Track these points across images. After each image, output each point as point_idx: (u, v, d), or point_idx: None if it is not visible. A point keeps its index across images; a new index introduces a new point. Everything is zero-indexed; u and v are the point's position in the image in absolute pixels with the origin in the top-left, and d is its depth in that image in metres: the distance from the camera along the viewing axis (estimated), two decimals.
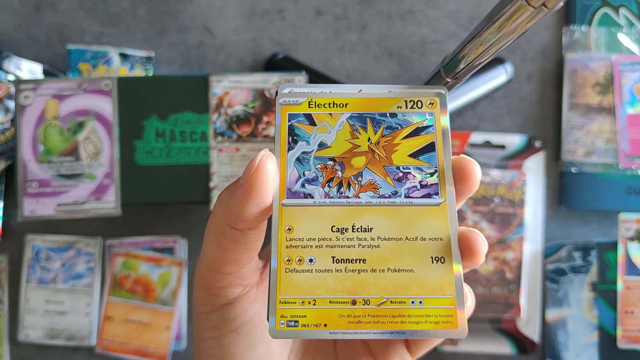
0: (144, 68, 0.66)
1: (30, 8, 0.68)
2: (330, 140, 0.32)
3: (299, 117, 0.32)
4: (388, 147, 0.32)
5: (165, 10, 0.68)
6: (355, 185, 0.31)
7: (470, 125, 0.68)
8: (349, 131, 0.32)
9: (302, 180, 0.31)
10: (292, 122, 0.32)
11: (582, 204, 0.66)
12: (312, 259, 0.30)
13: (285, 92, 0.32)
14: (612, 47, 0.67)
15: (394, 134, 0.32)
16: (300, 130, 0.32)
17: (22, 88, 0.58)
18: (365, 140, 0.32)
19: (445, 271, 0.31)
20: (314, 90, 0.32)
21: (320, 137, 0.32)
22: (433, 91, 0.33)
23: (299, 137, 0.32)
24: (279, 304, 0.29)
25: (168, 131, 0.58)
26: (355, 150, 0.32)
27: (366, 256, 0.30)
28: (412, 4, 0.68)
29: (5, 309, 0.66)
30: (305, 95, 0.32)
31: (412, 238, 0.31)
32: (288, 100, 0.32)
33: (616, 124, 0.66)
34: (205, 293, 0.35)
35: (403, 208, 0.31)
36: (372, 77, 0.68)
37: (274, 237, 0.30)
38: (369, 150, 0.32)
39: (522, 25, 0.30)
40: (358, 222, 0.31)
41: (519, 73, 0.68)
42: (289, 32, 0.68)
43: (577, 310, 0.65)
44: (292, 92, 0.32)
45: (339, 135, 0.32)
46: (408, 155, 0.32)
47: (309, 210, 0.31)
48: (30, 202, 0.58)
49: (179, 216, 0.67)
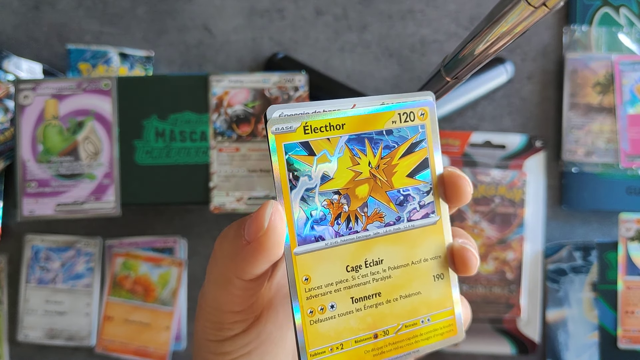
0: (143, 68, 0.66)
1: (29, 7, 0.68)
2: (332, 171, 0.30)
3: (296, 147, 0.30)
4: (388, 170, 0.32)
5: (165, 9, 0.68)
6: (362, 217, 0.31)
7: (471, 125, 0.68)
8: (349, 157, 0.31)
9: (311, 222, 0.30)
10: (290, 154, 0.29)
11: (583, 204, 0.66)
12: (334, 304, 0.30)
13: (276, 117, 0.29)
14: (612, 46, 0.67)
15: (392, 153, 0.32)
16: (299, 163, 0.30)
17: (21, 88, 0.58)
18: (366, 165, 0.31)
19: (445, 286, 0.33)
20: (307, 110, 0.30)
21: (321, 168, 0.30)
22: (423, 99, 0.32)
23: (300, 172, 0.30)
24: (310, 357, 0.29)
25: (168, 131, 0.58)
26: (358, 178, 0.31)
27: (381, 289, 0.31)
28: (413, 4, 0.68)
29: (4, 309, 0.66)
30: (299, 118, 0.29)
31: (416, 261, 0.32)
32: (281, 127, 0.29)
33: (617, 123, 0.66)
34: (215, 326, 0.34)
35: (406, 233, 0.32)
36: (372, 77, 0.68)
37: (293, 290, 0.29)
38: (370, 176, 0.31)
39: (522, 25, 0.30)
40: (369, 256, 0.31)
41: (519, 73, 0.68)
42: (289, 32, 0.68)
43: (577, 311, 0.65)
44: (284, 116, 0.29)
45: (340, 164, 0.31)
46: (406, 175, 0.32)
47: (323, 254, 0.30)
48: (30, 202, 0.58)
49: (178, 216, 0.67)
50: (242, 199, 0.58)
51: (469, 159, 0.67)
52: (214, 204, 0.58)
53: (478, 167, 0.66)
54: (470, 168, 0.66)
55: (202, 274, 0.67)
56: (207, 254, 0.67)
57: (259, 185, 0.58)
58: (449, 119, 0.68)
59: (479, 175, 0.65)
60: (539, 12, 0.28)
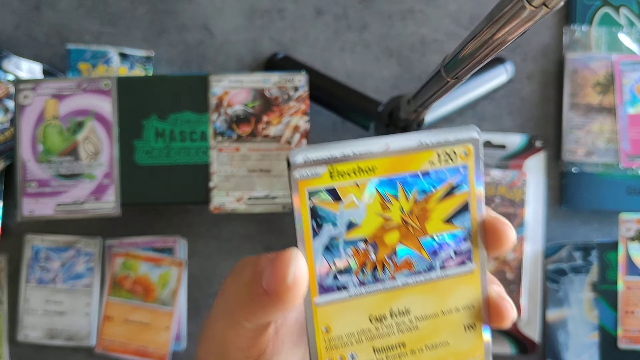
0: (143, 68, 0.66)
1: (29, 7, 0.68)
2: (360, 218, 0.28)
3: (321, 193, 0.27)
4: (422, 216, 0.29)
5: (165, 9, 0.68)
6: (390, 265, 0.29)
7: None
8: (379, 202, 0.28)
9: (334, 271, 0.28)
10: (314, 201, 0.27)
11: (583, 204, 0.66)
12: (354, 355, 0.29)
13: (300, 162, 0.26)
14: (612, 46, 0.67)
15: (428, 197, 0.29)
16: (324, 210, 0.27)
17: (21, 88, 0.58)
18: (398, 211, 0.28)
19: (476, 336, 0.30)
20: (334, 152, 0.27)
21: (348, 215, 0.28)
22: (467, 136, 0.29)
23: (324, 220, 0.27)
24: None
25: (168, 131, 0.58)
26: (388, 225, 0.28)
27: (405, 339, 0.29)
28: (413, 4, 0.68)
29: (4, 309, 0.66)
30: (324, 162, 0.27)
31: (447, 311, 0.30)
32: (305, 173, 0.27)
33: (617, 123, 0.66)
34: (218, 358, 0.32)
35: (438, 282, 0.30)
36: (372, 77, 0.68)
37: (311, 341, 0.28)
38: (402, 222, 0.29)
39: (522, 25, 0.30)
40: (395, 306, 0.29)
41: (519, 73, 0.68)
42: (289, 32, 0.68)
43: (577, 311, 0.65)
44: (308, 160, 0.26)
45: (368, 210, 0.28)
46: (442, 221, 0.29)
47: (345, 305, 0.28)
48: (30, 202, 0.58)
49: (178, 216, 0.67)
50: (242, 199, 0.58)
51: None
52: (213, 204, 0.58)
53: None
54: None
55: (202, 273, 0.67)
56: (206, 254, 0.67)
57: (258, 185, 0.58)
58: (449, 119, 0.68)
59: None
60: (539, 12, 0.28)
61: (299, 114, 0.59)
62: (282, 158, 0.59)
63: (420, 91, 0.47)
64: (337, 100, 0.65)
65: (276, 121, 0.59)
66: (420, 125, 0.57)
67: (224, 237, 0.67)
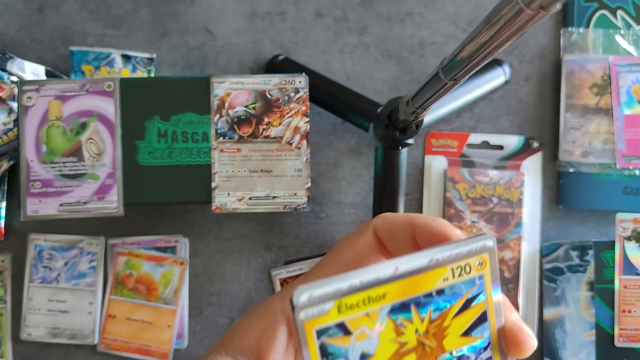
0: (146, 69, 0.67)
1: (33, 10, 0.68)
2: (373, 348, 0.26)
3: (330, 330, 0.25)
4: (438, 334, 0.27)
5: (167, 12, 0.68)
6: None
7: (469, 126, 0.68)
8: (392, 329, 0.26)
9: None
10: (323, 339, 0.25)
11: (580, 203, 0.67)
12: None
13: (305, 302, 0.24)
14: (609, 48, 0.67)
15: (444, 314, 0.27)
16: (334, 347, 0.25)
17: (25, 89, 0.58)
18: (413, 333, 0.27)
19: None
20: (340, 285, 0.25)
21: (360, 347, 0.26)
22: (480, 245, 0.27)
23: (335, 356, 0.25)
24: None
25: (170, 132, 0.59)
26: (403, 349, 0.27)
27: None
28: (412, 7, 0.69)
29: (8, 308, 0.67)
30: (331, 297, 0.24)
31: None
32: (311, 312, 0.24)
33: (613, 124, 0.66)
34: None
35: None
36: (371, 79, 0.68)
37: None
38: (418, 344, 0.27)
39: (519, 27, 0.30)
40: None
41: (516, 74, 0.69)
42: (289, 34, 0.69)
43: (574, 309, 0.66)
44: (313, 297, 0.24)
45: (382, 338, 0.26)
46: (460, 335, 0.28)
47: None
48: (34, 201, 0.58)
49: (180, 216, 0.67)
50: (243, 199, 0.59)
51: (467, 160, 0.67)
52: (215, 204, 0.59)
53: (476, 167, 0.67)
54: (468, 168, 0.67)
55: (203, 272, 0.67)
56: (208, 253, 0.67)
57: (259, 185, 0.59)
58: (447, 120, 0.68)
59: (477, 175, 0.66)
60: (536, 15, 0.28)
61: (300, 115, 0.59)
62: (283, 158, 0.59)
63: (419, 93, 0.47)
64: (337, 102, 0.65)
65: (277, 122, 0.59)
66: (419, 126, 0.57)
67: (225, 236, 0.68)
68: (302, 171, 0.59)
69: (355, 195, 0.68)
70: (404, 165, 0.62)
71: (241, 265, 0.68)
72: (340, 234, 0.68)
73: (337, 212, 0.68)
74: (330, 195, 0.68)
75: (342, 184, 0.68)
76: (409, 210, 0.67)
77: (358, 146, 0.68)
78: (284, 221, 0.68)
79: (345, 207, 0.68)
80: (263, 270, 0.68)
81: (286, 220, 0.68)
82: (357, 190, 0.68)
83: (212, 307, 0.67)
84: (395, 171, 0.62)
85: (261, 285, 0.68)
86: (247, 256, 0.68)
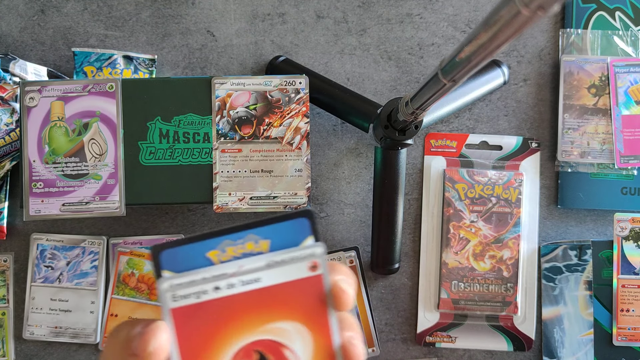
0: (147, 70, 0.67)
1: (35, 11, 0.69)
2: None
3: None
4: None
5: (169, 13, 0.69)
6: None
7: (468, 127, 0.69)
8: None
9: None
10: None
11: (578, 203, 0.67)
12: None
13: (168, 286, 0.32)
14: (607, 49, 0.68)
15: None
16: None
17: (27, 90, 0.59)
18: None
19: None
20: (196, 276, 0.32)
21: None
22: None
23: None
24: None
25: (172, 132, 0.59)
26: None
27: None
28: (411, 8, 0.69)
29: (10, 307, 0.67)
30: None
31: None
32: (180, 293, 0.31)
33: (611, 125, 0.67)
34: None
35: None
36: (371, 80, 0.69)
37: None
38: None
39: (518, 28, 0.30)
40: None
41: (515, 75, 0.69)
42: (290, 36, 0.69)
43: (572, 308, 0.66)
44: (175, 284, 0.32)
45: None
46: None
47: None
48: (36, 201, 0.59)
49: (182, 215, 0.68)
50: (244, 199, 0.59)
51: (466, 160, 0.68)
52: (216, 204, 0.59)
53: (475, 167, 0.67)
54: (467, 168, 0.67)
55: None
56: None
57: (260, 185, 0.59)
58: (447, 121, 0.69)
59: (476, 175, 0.66)
60: (534, 16, 0.28)
61: (300, 116, 0.60)
62: (283, 159, 0.60)
63: (418, 93, 0.47)
64: (337, 103, 0.66)
65: (277, 123, 0.60)
66: (418, 127, 0.58)
67: None
68: (302, 171, 0.60)
69: (355, 195, 0.69)
70: (404, 166, 0.63)
71: None
72: (341, 234, 0.68)
73: (337, 212, 0.68)
74: (330, 195, 0.68)
75: (342, 184, 0.69)
76: (408, 210, 0.68)
77: (358, 146, 0.69)
78: None
79: (345, 207, 0.68)
80: None
81: None
82: (357, 190, 0.69)
83: None
84: (394, 171, 0.62)
85: None
86: None
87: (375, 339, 0.67)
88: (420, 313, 0.67)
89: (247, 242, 0.32)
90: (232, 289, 0.32)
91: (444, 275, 0.66)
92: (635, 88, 0.66)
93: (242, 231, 0.32)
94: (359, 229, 0.68)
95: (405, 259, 0.68)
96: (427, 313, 0.67)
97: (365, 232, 0.68)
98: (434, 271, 0.67)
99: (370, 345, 0.67)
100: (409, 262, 0.68)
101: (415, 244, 0.68)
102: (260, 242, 0.32)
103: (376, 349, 0.67)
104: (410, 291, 0.68)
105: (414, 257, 0.68)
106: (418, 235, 0.68)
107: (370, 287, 0.68)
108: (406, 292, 0.68)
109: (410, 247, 0.68)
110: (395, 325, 0.68)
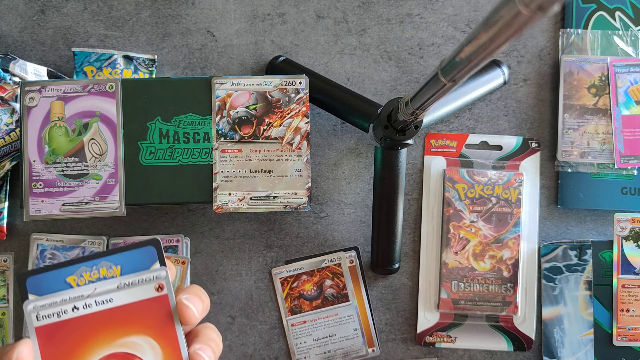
0: (147, 70, 0.67)
1: (35, 11, 0.69)
2: None
3: None
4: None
5: (169, 13, 0.69)
6: None
7: (468, 127, 0.69)
8: None
9: None
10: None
11: (578, 203, 0.67)
12: None
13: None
14: (607, 49, 0.68)
15: None
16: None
17: (27, 90, 0.59)
18: None
19: None
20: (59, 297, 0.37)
21: None
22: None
23: None
24: None
25: (172, 132, 0.59)
26: None
27: None
28: (411, 8, 0.69)
29: (10, 307, 0.67)
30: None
31: None
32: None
33: (611, 125, 0.67)
34: None
35: None
36: (371, 80, 0.69)
37: None
38: None
39: (518, 28, 0.30)
40: None
41: (515, 75, 0.69)
42: (290, 36, 0.69)
43: (572, 308, 0.66)
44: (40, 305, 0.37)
45: None
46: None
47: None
48: (36, 201, 0.59)
49: (182, 216, 0.68)
50: (244, 199, 0.59)
51: (466, 160, 0.68)
52: (216, 204, 0.59)
53: (475, 167, 0.67)
54: (467, 168, 0.67)
55: (205, 271, 0.68)
56: (209, 252, 0.68)
57: (260, 185, 0.59)
58: (447, 121, 0.69)
59: (476, 175, 0.67)
60: (534, 16, 0.28)
61: (300, 116, 0.60)
62: (283, 159, 0.60)
63: (418, 93, 0.47)
64: (337, 103, 0.66)
65: (277, 123, 0.60)
66: (418, 127, 0.58)
67: (226, 236, 0.68)
68: (302, 171, 0.60)
69: (355, 195, 0.69)
70: (404, 166, 0.63)
71: (242, 264, 0.68)
72: (341, 234, 0.68)
73: (337, 212, 0.68)
74: (330, 195, 0.68)
75: (342, 184, 0.69)
76: (408, 210, 0.68)
77: (358, 146, 0.69)
78: (284, 221, 0.68)
79: (345, 207, 0.68)
80: (264, 270, 0.68)
81: (287, 220, 0.68)
82: (357, 190, 0.69)
83: (213, 306, 0.68)
84: (394, 171, 0.62)
85: (262, 284, 0.68)
86: (248, 255, 0.68)
87: (375, 339, 0.67)
88: (420, 313, 0.67)
89: (101, 268, 0.37)
90: (89, 308, 0.37)
91: (444, 275, 0.66)
92: (635, 88, 0.66)
93: (97, 259, 0.37)
94: (359, 229, 0.68)
95: (405, 259, 0.68)
96: (427, 313, 0.67)
97: (365, 232, 0.68)
98: (434, 271, 0.67)
99: (370, 345, 0.67)
100: (409, 262, 0.68)
101: (415, 244, 0.68)
102: (112, 268, 0.38)
103: (376, 349, 0.67)
104: (410, 291, 0.68)
105: (414, 257, 0.68)
106: (418, 235, 0.68)
107: (370, 287, 0.68)
108: (406, 292, 0.68)
109: (410, 247, 0.68)
110: (395, 325, 0.68)
